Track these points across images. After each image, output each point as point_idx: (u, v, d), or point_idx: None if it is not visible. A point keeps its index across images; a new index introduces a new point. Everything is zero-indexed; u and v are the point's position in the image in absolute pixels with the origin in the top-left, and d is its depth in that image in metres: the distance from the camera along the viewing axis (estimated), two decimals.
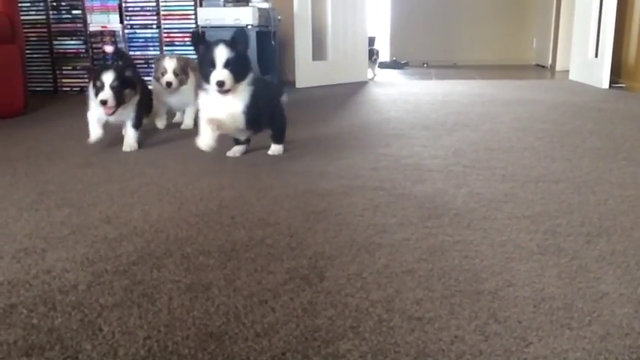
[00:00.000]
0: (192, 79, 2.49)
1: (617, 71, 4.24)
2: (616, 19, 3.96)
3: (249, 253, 1.13)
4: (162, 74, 2.43)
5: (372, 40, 7.18)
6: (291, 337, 0.82)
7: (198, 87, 2.03)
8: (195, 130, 2.04)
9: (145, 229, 1.28)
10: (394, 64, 7.03)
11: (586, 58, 4.47)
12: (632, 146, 2.10)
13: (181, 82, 2.45)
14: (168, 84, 2.41)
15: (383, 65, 7.12)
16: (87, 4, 3.85)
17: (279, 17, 4.16)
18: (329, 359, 0.77)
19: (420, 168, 1.83)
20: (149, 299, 0.94)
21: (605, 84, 4.05)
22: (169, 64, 2.43)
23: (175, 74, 2.42)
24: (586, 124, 2.61)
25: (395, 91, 4.16)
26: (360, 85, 4.63)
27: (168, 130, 2.60)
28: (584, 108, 3.13)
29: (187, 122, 2.59)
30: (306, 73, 4.48)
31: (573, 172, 1.73)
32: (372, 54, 4.91)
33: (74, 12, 3.90)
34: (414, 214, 1.37)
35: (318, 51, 4.65)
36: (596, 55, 4.27)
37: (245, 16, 3.58)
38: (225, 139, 1.98)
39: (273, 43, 4.06)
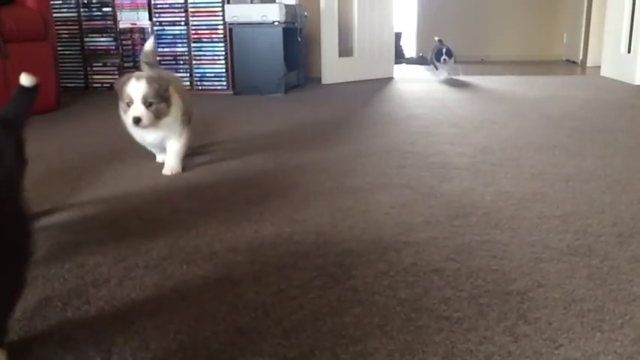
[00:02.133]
0: (176, 105, 1.73)
1: None
2: None
3: (277, 250, 1.14)
4: (128, 105, 1.64)
5: (398, 36, 7.14)
6: (319, 334, 0.83)
7: (185, 115, 1.75)
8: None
9: (174, 224, 1.30)
10: (421, 60, 6.97)
11: (618, 54, 4.37)
12: None
13: (158, 114, 1.66)
14: (136, 120, 1.62)
15: (410, 61, 7.08)
16: (117, 1, 3.91)
17: (305, 14, 4.16)
18: (357, 357, 0.77)
19: (447, 166, 1.81)
20: (179, 294, 0.96)
21: (638, 80, 3.95)
22: (136, 89, 1.62)
23: (147, 104, 1.63)
24: (618, 121, 2.56)
25: (421, 88, 4.13)
26: (386, 82, 4.60)
27: (196, 124, 2.63)
28: (616, 105, 3.06)
29: (170, 164, 1.78)
30: (332, 69, 4.48)
31: (605, 171, 1.70)
32: (441, 54, 4.61)
33: (104, 9, 3.96)
34: (441, 212, 1.36)
35: (345, 47, 4.64)
36: (629, 51, 4.16)
37: (272, 13, 3.60)
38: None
39: (299, 39, 4.07)
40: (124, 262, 1.09)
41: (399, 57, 6.94)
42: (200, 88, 3.92)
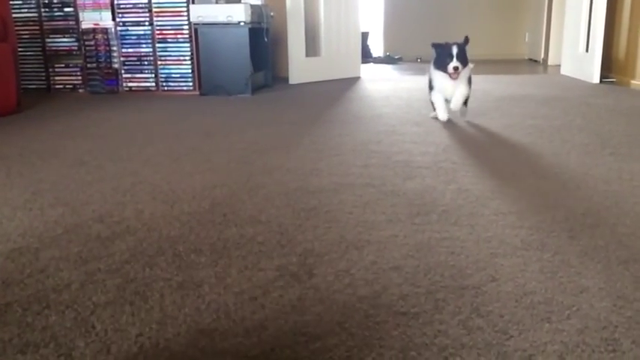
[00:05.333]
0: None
1: (608, 66, 4.27)
2: (606, 13, 3.99)
3: (240, 251, 1.16)
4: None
5: (365, 36, 7.19)
6: (280, 332, 0.85)
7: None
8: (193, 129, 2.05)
9: (137, 227, 1.30)
10: (388, 59, 7.04)
11: (577, 53, 4.50)
12: (618, 142, 2.13)
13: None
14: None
15: (377, 60, 7.14)
16: (79, 1, 3.85)
17: (271, 14, 4.17)
18: (317, 354, 0.79)
19: (410, 164, 1.85)
20: (141, 297, 0.96)
21: (596, 79, 4.09)
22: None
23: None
24: (575, 119, 2.64)
25: (387, 87, 4.18)
26: (353, 81, 4.64)
27: (161, 125, 2.61)
28: (575, 103, 3.16)
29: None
30: (300, 69, 4.49)
31: (560, 168, 1.76)
32: (450, 56, 3.28)
33: (66, 10, 3.89)
34: (403, 210, 1.40)
35: (312, 47, 4.66)
36: (587, 50, 4.30)
37: (237, 13, 3.59)
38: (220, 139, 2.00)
39: (266, 39, 4.07)
40: (85, 266, 1.09)
41: (367, 56, 7.00)
42: (166, 88, 3.89)
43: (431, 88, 2.61)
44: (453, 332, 0.84)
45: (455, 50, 2.41)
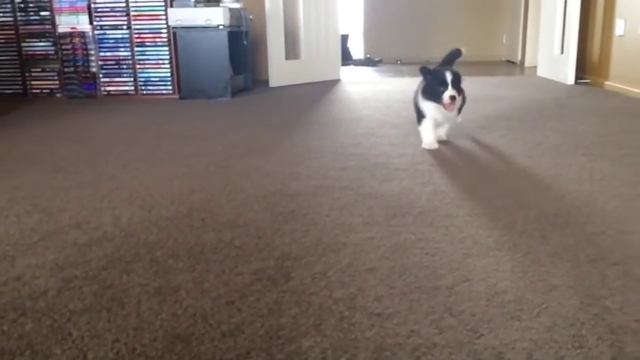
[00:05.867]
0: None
1: (582, 67, 4.35)
2: (580, 15, 4.07)
3: (218, 255, 1.16)
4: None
5: (345, 38, 7.23)
6: (256, 336, 0.86)
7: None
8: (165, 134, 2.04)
9: (114, 233, 1.30)
10: (368, 62, 7.08)
11: (552, 55, 4.58)
12: (591, 142, 2.18)
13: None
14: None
15: (357, 62, 7.18)
16: (55, 5, 3.81)
17: (250, 17, 4.17)
18: (292, 356, 0.81)
19: (388, 167, 1.87)
20: (118, 303, 0.97)
21: (571, 80, 4.16)
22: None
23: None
24: (549, 120, 2.69)
25: (367, 89, 4.21)
26: (333, 84, 4.66)
27: (139, 130, 2.60)
28: (549, 104, 3.22)
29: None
30: (280, 72, 4.50)
31: (533, 170, 1.80)
32: (445, 83, 3.05)
33: (42, 13, 3.85)
34: (380, 213, 1.42)
35: (291, 50, 4.67)
36: (562, 52, 4.38)
37: (216, 17, 3.59)
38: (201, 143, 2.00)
39: (245, 42, 4.08)
40: (61, 273, 1.09)
41: (347, 59, 7.03)
42: (145, 92, 3.87)
43: (420, 117, 2.20)
44: (425, 332, 0.86)
45: (449, 77, 2.03)
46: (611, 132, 2.38)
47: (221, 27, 3.62)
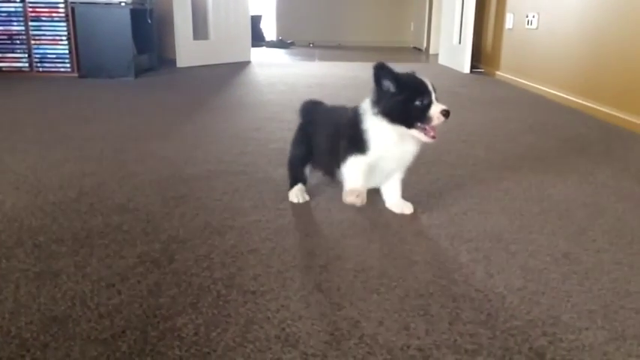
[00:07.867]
0: None
1: (478, 57, 4.64)
2: (476, 8, 4.33)
3: (104, 240, 1.19)
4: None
5: (257, 19, 7.19)
6: (133, 315, 0.90)
7: None
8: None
9: None
10: (280, 44, 7.10)
11: (451, 44, 4.84)
12: (471, 130, 2.37)
13: None
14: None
15: (269, 44, 7.18)
16: None
17: None
18: (166, 333, 0.86)
19: (285, 152, 1.93)
20: None
21: (467, 69, 4.43)
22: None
23: None
24: None
25: (276, 73, 4.26)
26: (242, 66, 4.66)
27: (33, 110, 2.50)
28: (443, 92, 3.42)
29: None
30: (188, 52, 4.43)
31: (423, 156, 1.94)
32: (426, 107, 2.10)
33: None
34: (270, 197, 1.49)
35: (200, 30, 4.61)
36: (460, 42, 4.64)
37: None
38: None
39: (149, 21, 3.98)
40: None
41: (260, 40, 7.02)
42: (41, 70, 3.69)
43: (348, 153, 1.31)
44: (294, 306, 0.94)
45: (430, 85, 1.38)
46: (491, 120, 2.59)
47: (123, 4, 3.51)
